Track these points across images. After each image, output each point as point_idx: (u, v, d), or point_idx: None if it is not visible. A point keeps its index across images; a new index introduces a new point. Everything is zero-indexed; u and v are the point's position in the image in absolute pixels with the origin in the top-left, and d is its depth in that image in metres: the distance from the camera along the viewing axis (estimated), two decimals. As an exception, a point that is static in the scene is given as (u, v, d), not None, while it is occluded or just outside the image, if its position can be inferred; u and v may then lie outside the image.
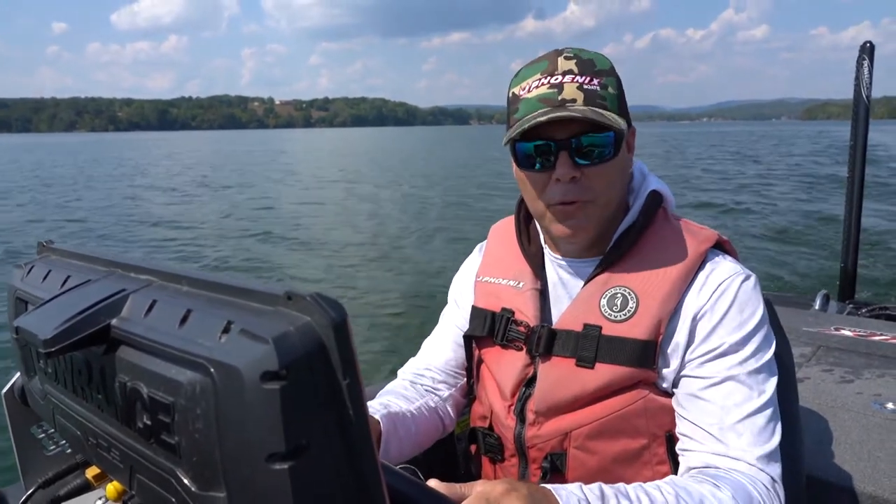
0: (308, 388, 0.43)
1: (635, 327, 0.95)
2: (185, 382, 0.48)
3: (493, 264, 1.16)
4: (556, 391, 0.99)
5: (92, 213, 14.66)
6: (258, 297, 0.48)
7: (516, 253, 1.13)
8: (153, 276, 0.59)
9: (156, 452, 0.53)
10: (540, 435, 1.01)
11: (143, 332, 0.53)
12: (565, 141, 0.93)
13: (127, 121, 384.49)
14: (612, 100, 0.95)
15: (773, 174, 21.75)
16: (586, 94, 0.92)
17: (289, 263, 9.22)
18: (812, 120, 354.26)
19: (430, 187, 18.64)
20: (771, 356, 0.94)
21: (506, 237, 1.18)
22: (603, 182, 0.96)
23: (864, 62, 4.26)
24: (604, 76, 0.95)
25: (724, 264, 0.98)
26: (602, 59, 0.97)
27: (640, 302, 0.96)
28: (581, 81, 0.93)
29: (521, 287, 1.08)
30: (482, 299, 1.14)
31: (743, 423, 0.89)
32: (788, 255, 9.05)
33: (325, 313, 0.43)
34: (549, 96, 0.93)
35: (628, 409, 0.95)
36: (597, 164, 0.95)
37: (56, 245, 0.79)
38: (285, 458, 0.43)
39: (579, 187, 0.95)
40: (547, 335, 1.01)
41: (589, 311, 0.99)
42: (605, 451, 0.97)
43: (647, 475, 0.97)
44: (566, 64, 0.95)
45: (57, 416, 0.72)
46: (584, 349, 0.97)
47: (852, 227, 4.37)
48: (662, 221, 1.03)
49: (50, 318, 0.56)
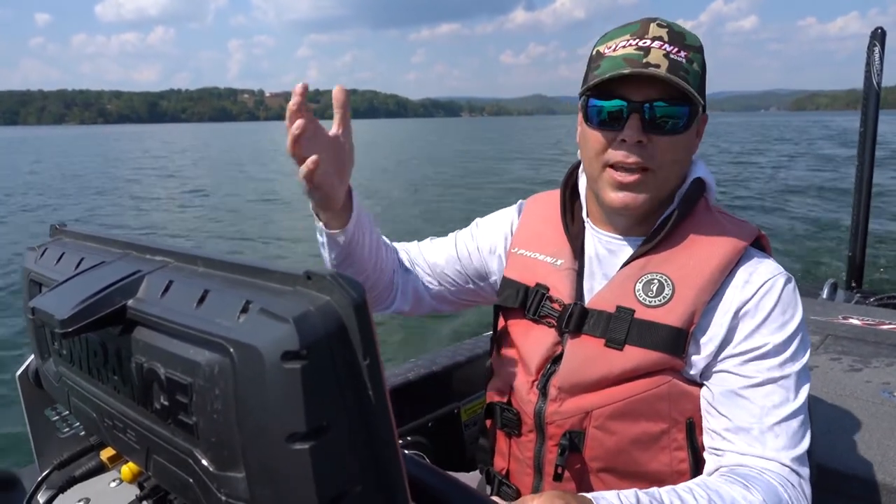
0: (328, 368, 0.43)
1: (669, 314, 0.94)
2: (204, 363, 0.48)
3: (531, 237, 1.15)
4: (583, 369, 0.99)
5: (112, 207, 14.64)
6: (277, 277, 0.47)
7: (557, 229, 1.12)
8: (168, 258, 0.59)
9: (173, 433, 0.53)
10: (561, 412, 1.01)
11: (159, 313, 0.53)
12: (639, 104, 0.92)
13: (117, 113, 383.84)
14: (696, 76, 0.94)
15: (778, 162, 21.62)
16: (671, 62, 0.91)
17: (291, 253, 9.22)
18: (801, 111, 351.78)
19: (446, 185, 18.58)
20: (807, 360, 0.94)
21: (547, 211, 1.16)
22: (668, 154, 0.95)
23: (875, 48, 4.19)
24: (691, 51, 0.94)
25: (767, 263, 0.98)
26: (692, 37, 0.96)
27: (676, 290, 0.95)
28: (669, 50, 0.92)
29: (560, 265, 1.08)
30: (515, 271, 1.12)
31: (780, 426, 0.89)
32: (795, 243, 9.01)
33: (345, 293, 0.43)
34: (634, 57, 0.92)
35: (652, 392, 0.95)
36: (665, 135, 0.94)
37: (69, 228, 0.79)
38: (306, 438, 0.42)
39: (645, 152, 0.94)
40: (579, 313, 1.00)
41: (623, 294, 0.99)
42: (625, 432, 0.97)
43: (665, 460, 0.97)
44: (657, 31, 0.94)
45: (72, 398, 0.72)
46: (614, 331, 0.97)
47: (861, 215, 4.33)
48: (704, 211, 1.02)
49: (66, 299, 0.56)
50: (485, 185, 17.45)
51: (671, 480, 0.96)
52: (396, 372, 1.69)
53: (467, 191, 16.40)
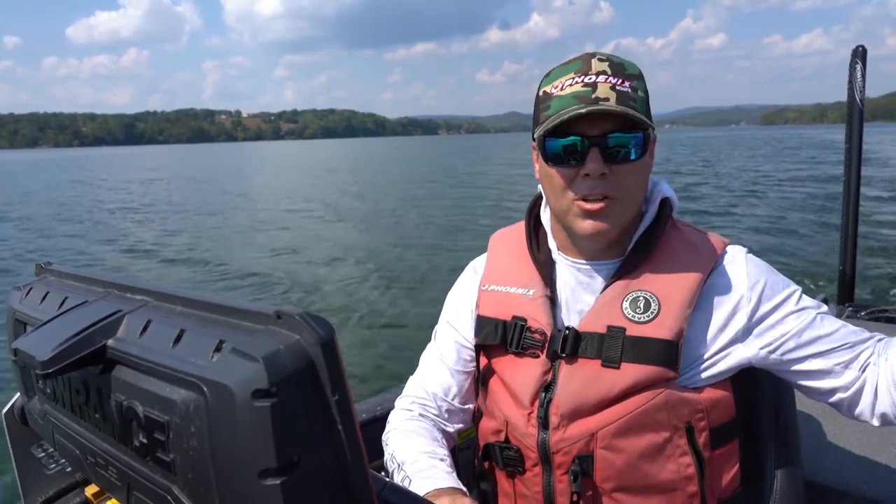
0: (298, 404, 0.44)
1: (659, 328, 0.98)
2: (180, 401, 0.49)
3: (499, 273, 1.16)
4: (583, 392, 1.00)
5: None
6: (249, 316, 0.49)
7: (525, 260, 1.14)
8: (148, 297, 0.61)
9: (152, 470, 0.54)
10: (566, 438, 1.01)
11: (138, 352, 0.54)
12: (597, 137, 0.97)
13: (92, 136, 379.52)
14: (642, 102, 0.99)
15: (762, 176, 21.87)
16: (619, 94, 0.96)
17: (283, 277, 9.21)
18: (770, 125, 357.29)
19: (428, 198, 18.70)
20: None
21: (511, 245, 1.18)
22: (630, 181, 1.00)
23: (857, 66, 4.27)
24: (634, 80, 0.99)
25: (730, 253, 1.07)
26: (632, 65, 1.02)
27: (662, 304, 1.00)
28: (614, 82, 0.97)
29: (532, 295, 1.09)
30: (490, 308, 1.13)
31: (850, 336, 1.03)
32: (785, 257, 9.05)
33: (313, 331, 0.44)
34: (584, 94, 0.96)
35: (651, 403, 0.98)
36: (625, 163, 0.98)
37: (54, 266, 0.80)
38: (277, 473, 0.44)
39: (608, 183, 0.98)
40: (573, 337, 1.02)
41: (612, 313, 1.02)
42: (632, 447, 0.99)
43: (672, 468, 0.99)
44: (599, 65, 0.99)
45: (56, 436, 0.73)
46: (609, 350, 0.99)
47: (849, 228, 4.37)
48: (673, 227, 1.09)
49: (48, 340, 0.57)
50: (471, 194, 17.50)
51: (680, 488, 1.00)
52: (372, 402, 1.68)
53: (461, 201, 16.47)
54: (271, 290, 8.39)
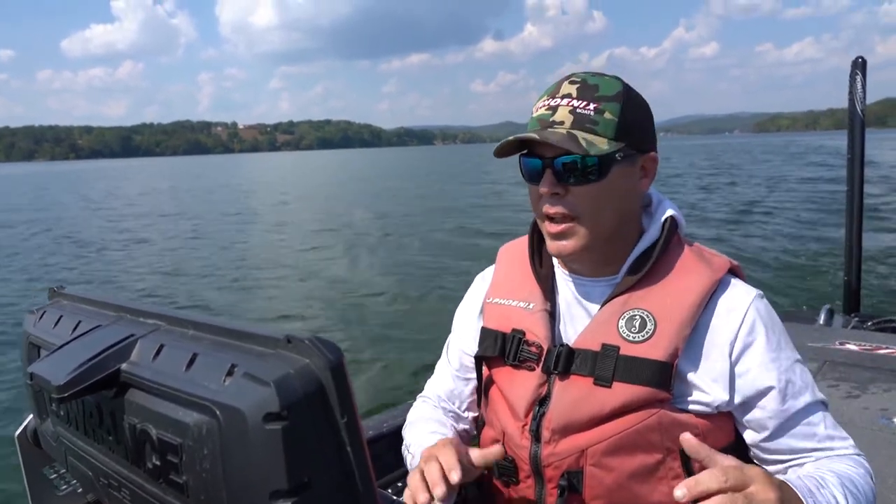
0: (308, 427, 0.45)
1: (653, 348, 0.98)
2: (192, 424, 0.50)
3: (504, 286, 1.18)
4: (574, 409, 1.01)
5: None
6: (260, 340, 0.50)
7: (527, 273, 1.16)
8: (160, 321, 0.62)
9: (165, 492, 0.55)
10: (556, 453, 1.02)
11: (151, 376, 0.55)
12: (549, 160, 1.00)
13: (89, 148, 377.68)
14: (607, 125, 0.99)
15: (765, 186, 21.84)
16: (576, 117, 0.98)
17: (290, 297, 9.23)
18: (764, 132, 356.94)
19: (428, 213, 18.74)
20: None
21: (516, 258, 1.20)
22: (587, 202, 1.01)
23: (857, 76, 4.30)
24: (603, 101, 1.00)
25: (739, 287, 1.04)
26: (609, 86, 1.02)
27: (658, 325, 0.99)
28: (576, 105, 0.99)
29: (532, 308, 1.11)
30: (493, 321, 1.15)
31: (830, 430, 1.01)
32: (790, 269, 9.02)
33: (322, 356, 0.46)
34: (544, 117, 1.00)
35: (643, 424, 0.98)
36: (580, 185, 1.00)
37: (67, 290, 0.82)
38: (288, 494, 0.45)
39: (564, 202, 1.00)
40: (566, 354, 1.03)
41: (607, 332, 1.02)
42: (622, 467, 0.99)
43: (664, 490, 0.99)
44: (568, 88, 1.01)
45: (69, 458, 0.74)
46: (601, 368, 1.00)
47: (854, 239, 4.37)
48: (677, 247, 1.08)
49: (62, 364, 0.59)
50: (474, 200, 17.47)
51: None
52: (378, 419, 1.69)
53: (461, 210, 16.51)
54: (277, 306, 8.41)
